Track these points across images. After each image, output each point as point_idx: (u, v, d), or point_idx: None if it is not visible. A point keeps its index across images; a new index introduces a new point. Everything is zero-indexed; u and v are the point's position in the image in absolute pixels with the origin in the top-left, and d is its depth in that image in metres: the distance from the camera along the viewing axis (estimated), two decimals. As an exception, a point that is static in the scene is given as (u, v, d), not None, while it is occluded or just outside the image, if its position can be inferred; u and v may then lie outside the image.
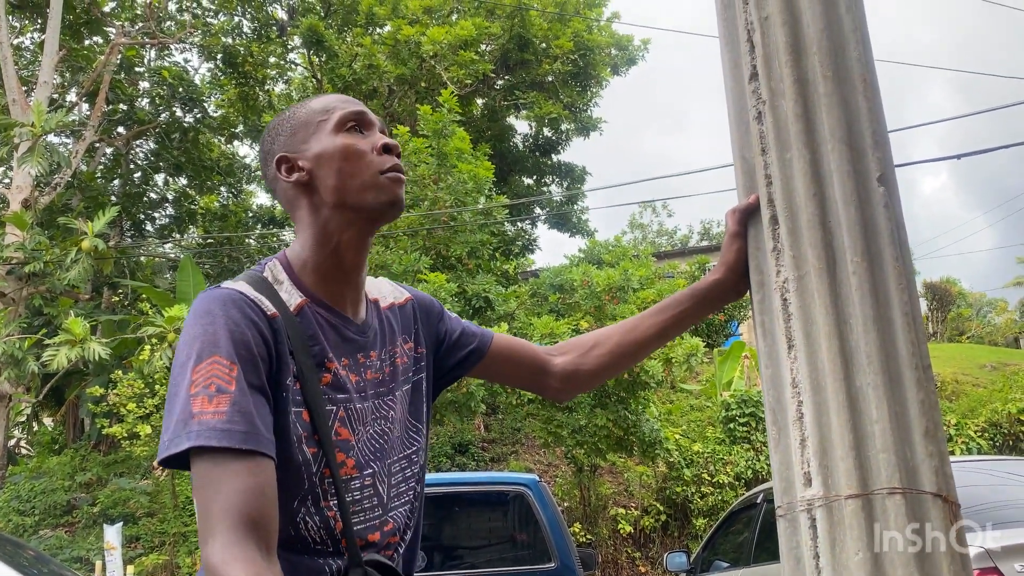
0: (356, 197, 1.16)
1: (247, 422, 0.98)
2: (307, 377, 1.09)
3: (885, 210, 1.16)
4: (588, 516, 10.53)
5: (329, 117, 1.20)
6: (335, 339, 1.16)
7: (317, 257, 1.18)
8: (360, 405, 1.16)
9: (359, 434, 1.15)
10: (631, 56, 17.01)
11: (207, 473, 0.97)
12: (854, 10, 1.24)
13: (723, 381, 13.69)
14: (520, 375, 1.46)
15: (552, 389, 1.45)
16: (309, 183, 1.18)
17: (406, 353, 1.28)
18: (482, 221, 11.37)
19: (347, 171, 1.16)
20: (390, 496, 1.18)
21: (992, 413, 11.97)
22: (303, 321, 1.13)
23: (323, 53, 16.80)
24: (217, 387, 0.99)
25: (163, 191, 18.62)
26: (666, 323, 1.41)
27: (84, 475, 11.90)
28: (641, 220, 37.50)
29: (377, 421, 1.18)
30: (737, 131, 1.30)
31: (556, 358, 1.44)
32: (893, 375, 1.09)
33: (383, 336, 1.24)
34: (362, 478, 1.14)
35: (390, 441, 1.20)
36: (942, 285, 28.01)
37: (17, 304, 11.80)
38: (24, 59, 16.58)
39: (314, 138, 1.19)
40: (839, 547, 1.04)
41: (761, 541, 4.83)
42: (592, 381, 1.47)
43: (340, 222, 1.17)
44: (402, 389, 1.25)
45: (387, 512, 1.16)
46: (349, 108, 1.21)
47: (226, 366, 1.01)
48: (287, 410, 1.07)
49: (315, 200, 1.18)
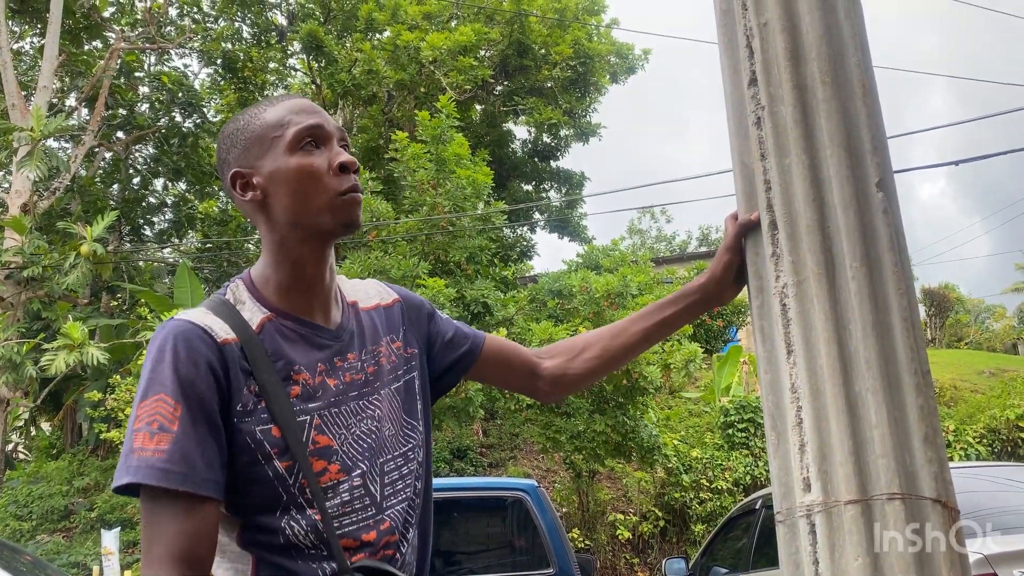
0: (311, 219, 1.15)
1: (186, 463, 1.00)
2: (272, 393, 1.09)
3: (884, 215, 1.16)
4: (587, 522, 10.51)
5: (283, 133, 1.16)
6: (304, 348, 1.16)
7: (278, 273, 1.18)
8: (339, 408, 1.15)
9: (342, 437, 1.14)
10: (631, 65, 17.05)
11: (149, 511, 1.00)
12: (853, 16, 1.24)
13: (721, 387, 13.68)
14: (511, 377, 1.48)
15: (541, 392, 1.48)
16: (264, 201, 1.16)
17: (393, 352, 1.28)
18: (481, 227, 11.37)
19: (302, 193, 1.14)
20: (384, 495, 1.17)
21: (991, 419, 11.97)
22: (266, 338, 1.13)
23: (322, 58, 16.81)
24: (160, 425, 1.01)
25: (162, 196, 18.61)
26: (651, 328, 1.46)
27: (82, 480, 11.86)
28: (640, 226, 37.53)
29: (363, 421, 1.17)
30: (736, 136, 1.31)
31: (545, 361, 1.47)
32: (892, 380, 1.09)
33: (362, 337, 1.24)
34: (351, 479, 1.13)
35: (380, 439, 1.19)
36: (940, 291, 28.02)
37: (16, 308, 11.78)
38: (24, 64, 16.59)
39: (268, 156, 1.16)
40: (839, 553, 1.04)
41: (760, 547, 4.82)
42: (580, 384, 1.50)
43: (296, 240, 1.16)
44: (390, 387, 1.24)
45: (382, 511, 1.16)
46: (304, 122, 1.17)
47: (171, 405, 1.02)
48: (252, 430, 1.07)
49: (271, 218, 1.17)
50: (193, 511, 1.00)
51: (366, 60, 15.46)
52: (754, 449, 11.33)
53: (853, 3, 1.26)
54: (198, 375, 1.04)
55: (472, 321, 9.84)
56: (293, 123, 1.16)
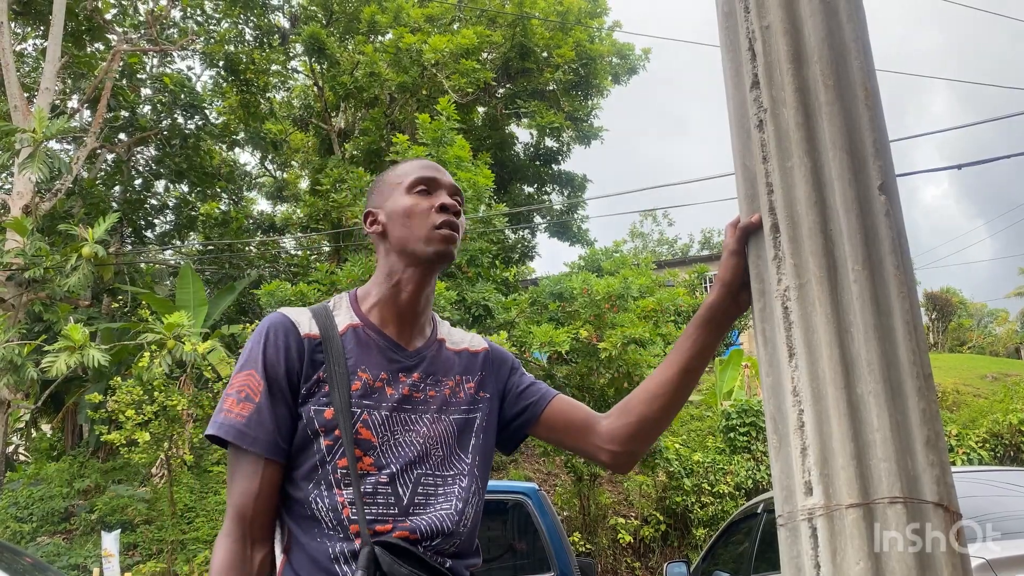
0: (413, 246, 1.41)
1: (262, 429, 1.27)
2: (335, 382, 1.31)
3: (886, 219, 1.16)
4: (588, 525, 10.50)
5: (403, 180, 1.46)
6: (376, 356, 1.37)
7: (379, 291, 1.44)
8: (390, 413, 1.34)
9: (383, 438, 1.32)
10: (632, 65, 17.05)
11: (230, 465, 1.31)
12: (855, 19, 1.24)
13: (723, 391, 13.67)
14: (573, 436, 1.50)
15: (605, 453, 1.47)
16: (383, 233, 1.45)
17: (463, 390, 1.45)
18: (481, 229, 11.37)
19: (408, 225, 1.42)
20: (414, 502, 1.31)
21: (993, 424, 11.95)
22: (347, 339, 1.37)
23: (325, 61, 16.84)
24: (247, 395, 1.29)
25: (164, 198, 18.64)
26: (688, 358, 1.43)
27: (82, 482, 11.86)
28: (642, 229, 37.56)
29: (409, 432, 1.35)
30: (738, 139, 1.30)
31: (604, 421, 1.48)
32: (894, 384, 1.09)
33: (435, 366, 1.43)
34: (378, 475, 1.29)
35: (418, 453, 1.34)
36: (943, 295, 28.02)
37: (17, 310, 11.79)
38: (26, 65, 16.63)
39: (390, 198, 1.46)
40: (840, 556, 1.03)
41: (762, 551, 4.81)
42: (638, 437, 1.46)
43: (401, 265, 1.42)
44: (449, 416, 1.40)
45: (407, 515, 1.29)
46: (421, 174, 1.46)
47: (257, 380, 1.30)
48: (310, 408, 1.30)
49: (387, 247, 1.45)
50: (259, 471, 1.27)
51: (368, 63, 15.48)
52: (756, 453, 11.31)
53: (855, 6, 1.26)
54: (280, 359, 1.31)
55: (473, 324, 9.84)
56: (412, 173, 1.47)
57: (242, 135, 18.80)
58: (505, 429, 1.51)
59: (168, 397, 9.85)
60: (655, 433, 1.48)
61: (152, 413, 9.74)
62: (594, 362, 9.31)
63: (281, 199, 21.35)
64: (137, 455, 10.28)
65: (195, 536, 10.26)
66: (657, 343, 9.68)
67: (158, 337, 10.30)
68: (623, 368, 9.06)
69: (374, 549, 1.23)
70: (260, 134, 18.35)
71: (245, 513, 1.26)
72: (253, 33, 18.12)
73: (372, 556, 1.22)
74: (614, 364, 9.07)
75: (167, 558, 10.01)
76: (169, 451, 10.44)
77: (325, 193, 15.53)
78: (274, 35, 18.18)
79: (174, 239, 18.43)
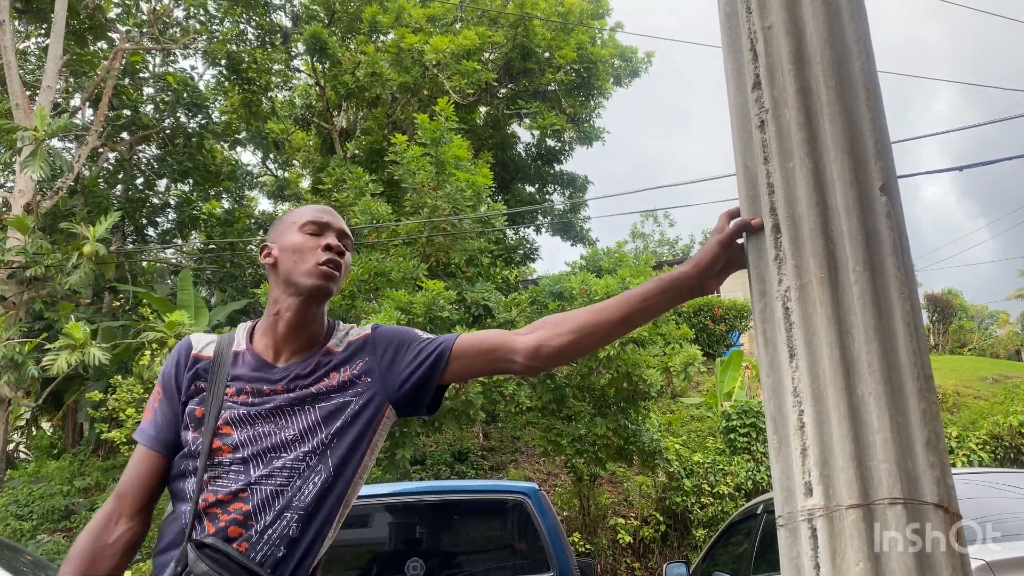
0: (297, 278, 1.60)
1: (151, 427, 1.60)
2: (212, 390, 1.57)
3: (887, 220, 1.16)
4: (587, 526, 10.49)
5: (298, 221, 1.65)
6: (248, 373, 1.59)
7: (265, 319, 1.65)
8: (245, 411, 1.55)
9: (240, 430, 1.53)
10: (634, 68, 17.04)
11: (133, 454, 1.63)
12: (857, 20, 1.24)
13: (723, 391, 13.65)
14: (489, 362, 1.62)
15: (517, 365, 1.59)
16: (275, 265, 1.64)
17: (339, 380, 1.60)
18: (480, 229, 11.36)
19: (295, 260, 1.61)
20: (259, 476, 1.50)
21: (993, 426, 11.93)
22: (235, 359, 1.61)
23: (326, 60, 16.83)
24: (151, 402, 1.63)
25: (165, 196, 18.63)
26: (632, 311, 1.51)
27: (83, 480, 11.86)
28: (643, 229, 37.55)
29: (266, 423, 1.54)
30: (740, 139, 1.30)
31: (523, 336, 1.59)
32: (895, 385, 1.09)
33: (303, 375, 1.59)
34: (233, 456, 1.51)
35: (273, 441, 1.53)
36: (944, 297, 27.99)
37: (18, 308, 11.80)
38: (29, 64, 16.63)
39: (284, 235, 1.65)
40: (840, 557, 1.03)
41: (761, 552, 4.81)
42: (558, 356, 1.57)
43: (285, 295, 1.61)
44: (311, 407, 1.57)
45: (248, 486, 1.49)
46: (313, 217, 1.65)
47: (158, 390, 1.63)
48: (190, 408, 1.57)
49: (276, 278, 1.64)
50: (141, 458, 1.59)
51: (370, 62, 15.47)
52: (756, 454, 11.31)
53: (857, 7, 1.26)
54: (171, 373, 1.62)
55: (473, 324, 9.83)
56: (306, 216, 1.66)
57: (244, 134, 18.81)
58: (420, 391, 1.61)
59: (169, 396, 9.85)
60: (570, 359, 1.63)
61: (153, 412, 9.72)
62: (593, 362, 9.31)
63: (283, 198, 21.35)
64: (137, 453, 10.27)
65: (195, 535, 10.25)
66: (657, 342, 9.68)
67: (159, 335, 10.30)
68: (622, 368, 9.06)
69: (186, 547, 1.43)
70: (262, 133, 18.35)
71: (122, 490, 1.56)
72: (255, 32, 18.12)
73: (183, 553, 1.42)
74: (613, 364, 9.07)
75: (167, 557, 10.00)
76: (169, 450, 10.43)
77: (327, 192, 15.53)
78: (276, 34, 18.18)
79: (176, 238, 18.43)
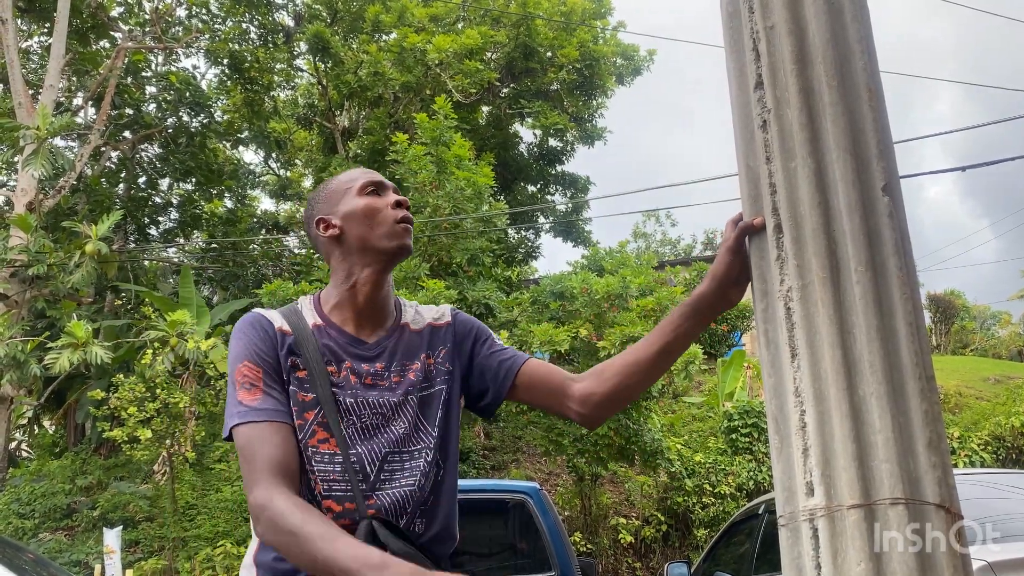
0: (375, 242, 1.49)
1: (270, 403, 1.36)
2: (312, 368, 1.41)
3: (889, 220, 1.15)
4: (589, 525, 10.49)
5: (352, 184, 1.54)
6: (339, 350, 1.46)
7: (339, 292, 1.51)
8: (355, 400, 1.42)
9: (348, 421, 1.41)
10: (636, 66, 17.03)
11: (248, 446, 1.33)
12: (860, 19, 1.24)
13: (725, 392, 13.64)
14: (547, 398, 1.57)
15: (572, 412, 1.54)
16: (340, 236, 1.51)
17: (428, 366, 1.52)
18: (481, 228, 11.36)
19: (368, 223, 1.50)
20: (380, 479, 1.39)
21: (995, 426, 11.92)
22: (318, 333, 1.46)
23: (329, 60, 16.84)
24: (250, 383, 1.38)
25: (168, 195, 18.65)
26: (667, 341, 1.48)
27: (84, 479, 11.88)
28: (644, 229, 37.52)
29: (373, 415, 1.43)
30: (742, 139, 1.30)
31: (577, 384, 1.54)
32: (896, 385, 1.09)
33: (395, 353, 1.50)
34: (347, 455, 1.38)
35: (384, 434, 1.43)
36: (946, 297, 27.95)
37: (20, 307, 11.82)
38: (31, 63, 16.65)
39: (342, 202, 1.53)
40: (841, 557, 1.03)
41: (763, 552, 4.80)
42: (608, 403, 1.53)
43: (360, 265, 1.50)
44: (412, 397, 1.47)
45: (372, 491, 1.38)
46: (368, 177, 1.55)
47: (254, 368, 1.39)
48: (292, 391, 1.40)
49: (343, 250, 1.51)
50: (282, 433, 1.34)
51: (372, 62, 15.47)
52: (757, 454, 11.30)
53: (860, 7, 1.26)
54: (266, 348, 1.42)
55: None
56: (360, 178, 1.56)
57: (246, 133, 18.82)
58: (482, 396, 1.58)
59: (170, 394, 9.87)
60: (625, 402, 1.57)
61: (154, 410, 9.75)
62: (595, 362, 9.30)
63: (285, 197, 21.37)
64: (139, 452, 10.30)
65: (196, 533, 10.27)
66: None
67: (161, 334, 10.31)
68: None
69: (371, 523, 1.31)
70: (264, 132, 18.36)
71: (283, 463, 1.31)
72: (257, 32, 18.14)
73: (370, 529, 1.31)
74: (615, 364, 9.08)
75: (168, 555, 10.02)
76: (171, 448, 10.45)
77: (328, 192, 15.52)
78: (278, 34, 18.19)
79: (178, 237, 18.45)
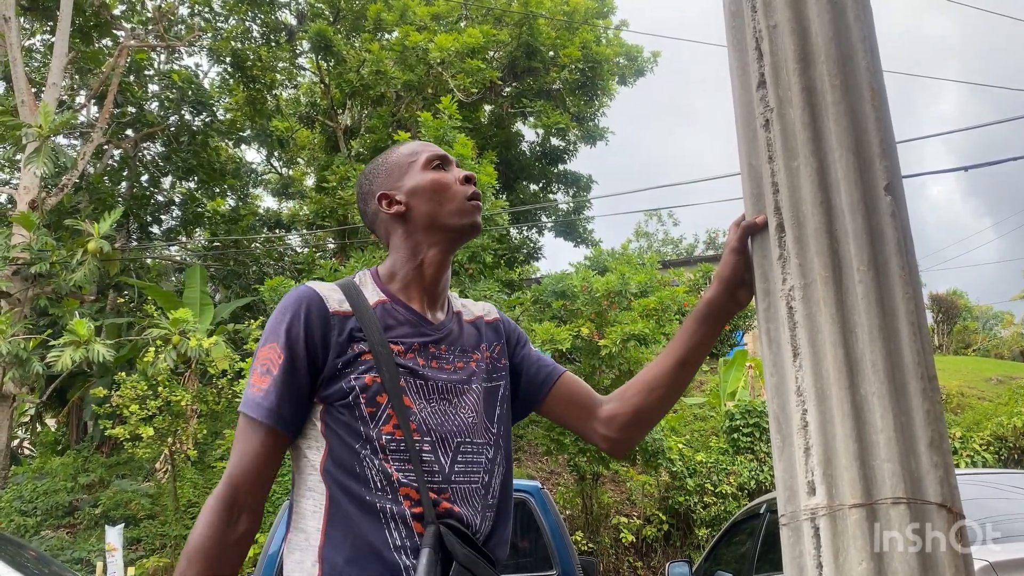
0: (445, 219, 1.42)
1: (271, 399, 1.26)
2: (378, 351, 1.30)
3: (892, 219, 1.15)
4: (590, 524, 10.49)
5: (417, 159, 1.46)
6: (407, 329, 1.37)
7: (405, 269, 1.42)
8: (425, 383, 1.33)
9: (420, 406, 1.31)
10: (639, 67, 17.02)
11: (237, 433, 1.30)
12: (863, 19, 1.24)
13: (727, 391, 13.64)
14: (575, 416, 1.51)
15: (598, 435, 1.49)
16: (405, 213, 1.43)
17: (486, 359, 1.45)
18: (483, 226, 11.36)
19: (437, 199, 1.42)
20: (454, 471, 1.31)
21: (998, 427, 11.91)
22: (380, 312, 1.36)
23: (331, 58, 16.84)
24: (267, 368, 1.28)
25: (170, 194, 18.66)
26: (683, 351, 1.45)
27: (86, 476, 11.90)
28: (647, 229, 37.48)
29: (444, 401, 1.34)
30: (744, 138, 1.30)
31: (604, 405, 1.49)
32: (898, 385, 1.09)
33: (460, 339, 1.43)
34: (422, 442, 1.29)
35: (457, 422, 1.34)
36: (948, 297, 27.93)
37: (23, 305, 11.83)
38: (34, 61, 16.67)
39: (407, 176, 1.45)
40: (842, 556, 1.03)
41: (764, 552, 4.80)
42: (635, 423, 1.47)
43: (428, 242, 1.42)
44: (476, 386, 1.40)
45: (449, 483, 1.29)
46: (431, 151, 1.47)
47: (279, 353, 1.28)
48: (350, 378, 1.28)
49: (408, 227, 1.43)
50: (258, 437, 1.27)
51: (374, 60, 15.48)
52: (759, 454, 11.29)
53: (863, 6, 1.25)
54: (302, 334, 1.28)
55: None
56: (424, 151, 1.47)
57: (248, 132, 18.83)
58: (514, 400, 1.51)
59: (172, 392, 9.88)
60: (651, 422, 1.50)
61: (156, 408, 9.77)
62: (596, 360, 9.30)
63: (287, 196, 21.38)
64: (141, 450, 10.31)
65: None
66: (661, 342, 9.67)
67: (163, 332, 10.33)
68: (625, 367, 9.06)
69: (439, 528, 1.23)
70: (266, 131, 18.37)
71: (239, 476, 1.25)
72: (260, 30, 18.14)
73: (438, 535, 1.22)
74: (615, 362, 9.07)
75: (170, 553, 10.04)
76: (173, 446, 10.47)
77: (331, 190, 15.55)
78: (281, 32, 18.20)
79: (180, 235, 18.46)
